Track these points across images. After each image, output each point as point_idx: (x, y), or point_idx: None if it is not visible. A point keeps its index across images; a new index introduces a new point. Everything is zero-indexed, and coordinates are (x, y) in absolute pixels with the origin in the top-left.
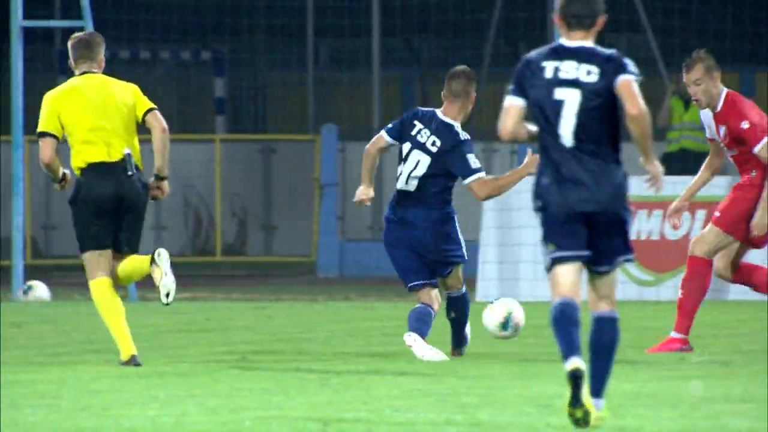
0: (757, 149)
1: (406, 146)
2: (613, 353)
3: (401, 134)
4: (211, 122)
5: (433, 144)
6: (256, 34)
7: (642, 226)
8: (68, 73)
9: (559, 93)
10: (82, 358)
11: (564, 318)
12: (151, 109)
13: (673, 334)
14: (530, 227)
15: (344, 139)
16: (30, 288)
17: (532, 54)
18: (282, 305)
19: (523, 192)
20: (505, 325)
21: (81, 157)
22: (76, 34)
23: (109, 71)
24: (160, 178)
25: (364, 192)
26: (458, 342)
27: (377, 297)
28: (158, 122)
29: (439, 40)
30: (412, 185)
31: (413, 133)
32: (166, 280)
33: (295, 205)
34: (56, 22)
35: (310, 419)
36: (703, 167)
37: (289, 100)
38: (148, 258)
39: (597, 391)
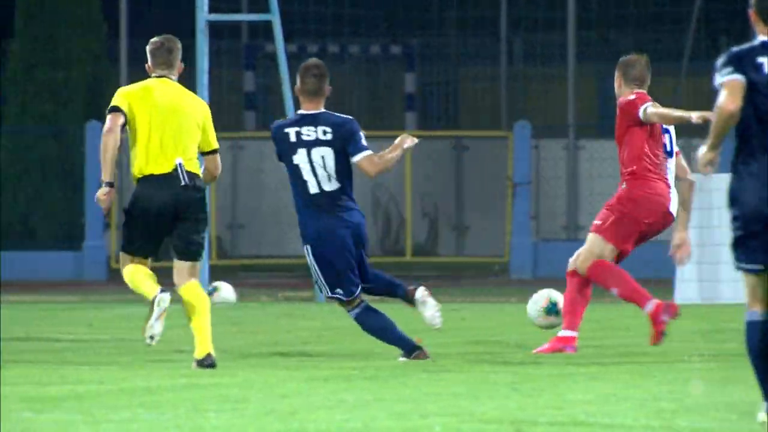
0: (640, 113)
1: (300, 154)
2: None
3: (283, 150)
4: (400, 118)
5: (324, 133)
6: (447, 27)
7: None
8: (254, 69)
9: None
10: (269, 361)
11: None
12: (215, 151)
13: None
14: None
15: (538, 136)
16: (215, 289)
17: (738, 49)
18: (474, 307)
19: (724, 191)
20: (549, 309)
21: (141, 165)
22: (156, 39)
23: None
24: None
25: None
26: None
27: None
28: (216, 167)
29: (636, 33)
30: (334, 184)
31: (293, 139)
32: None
33: (488, 205)
34: (243, 16)
35: (502, 424)
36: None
37: (481, 95)
38: (203, 301)
39: None
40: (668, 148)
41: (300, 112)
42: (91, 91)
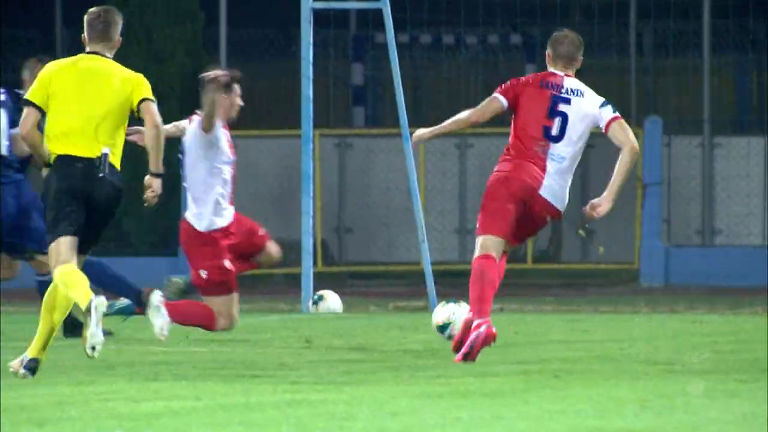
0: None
1: None
2: None
3: None
4: None
5: None
6: (571, 16)
7: None
8: (363, 60)
9: None
10: (378, 376)
11: None
12: (145, 99)
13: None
14: None
15: (670, 133)
16: (320, 298)
17: None
18: (600, 318)
19: None
20: (443, 328)
21: (56, 145)
22: (94, 9)
23: (408, 57)
24: (154, 174)
25: None
26: None
27: (707, 309)
28: (151, 116)
29: None
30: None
31: None
32: (96, 335)
33: (616, 207)
34: (351, 4)
35: None
36: None
37: (608, 88)
38: (85, 296)
39: None
40: (552, 132)
41: None
42: (188, 85)
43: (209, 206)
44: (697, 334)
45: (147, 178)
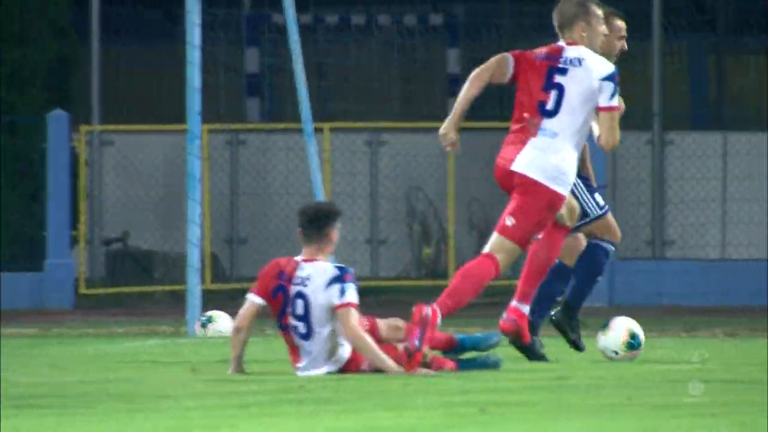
0: None
1: None
2: None
3: None
4: (442, 105)
5: None
6: None
7: None
8: (259, 45)
9: None
10: (277, 410)
11: None
12: None
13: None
14: None
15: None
16: (210, 320)
17: None
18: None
19: None
20: (632, 344)
21: None
22: None
23: (311, 41)
24: None
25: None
26: None
27: (659, 332)
28: None
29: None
30: None
31: None
32: None
33: None
34: None
35: None
36: None
37: None
38: None
39: None
40: (547, 107)
41: None
42: (55, 73)
43: None
44: (648, 361)
45: None
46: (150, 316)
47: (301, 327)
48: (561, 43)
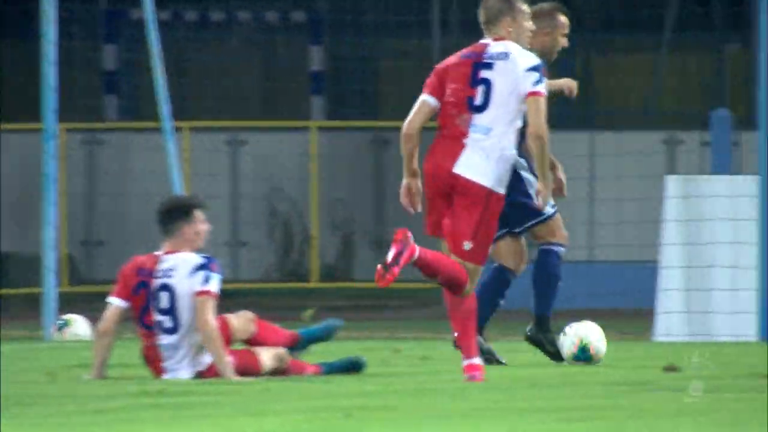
0: None
1: None
2: None
3: None
4: (305, 104)
5: None
6: None
7: None
8: (116, 41)
9: None
10: (135, 415)
11: None
12: None
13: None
14: (725, 243)
15: None
16: (66, 323)
17: None
18: (401, 345)
19: (717, 197)
20: (577, 357)
21: None
22: None
23: (171, 37)
24: None
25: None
26: None
27: None
28: None
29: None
30: None
31: None
32: None
33: (417, 215)
34: None
35: None
36: None
37: (407, 76)
38: None
39: None
40: (475, 102)
41: None
42: None
43: None
44: (515, 365)
45: None
46: (4, 320)
47: (167, 321)
48: (486, 40)
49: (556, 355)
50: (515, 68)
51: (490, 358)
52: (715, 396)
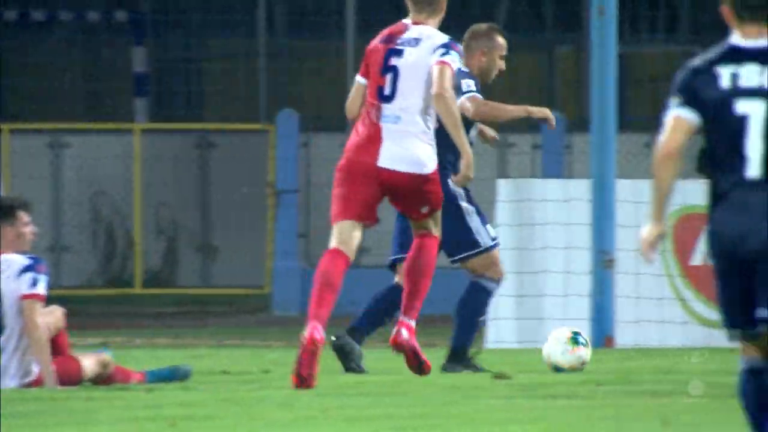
0: None
1: None
2: None
3: None
4: (128, 106)
5: None
6: None
7: None
8: None
9: (742, 106)
10: None
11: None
12: None
13: None
14: (558, 248)
15: (308, 130)
16: None
17: (698, 61)
18: (225, 352)
19: (549, 201)
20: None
21: None
22: None
23: None
24: None
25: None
26: None
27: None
28: None
29: None
30: None
31: None
32: None
33: (242, 220)
34: None
35: None
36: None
37: (233, 77)
38: None
39: None
40: (385, 91)
41: None
42: None
43: None
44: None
45: None
46: None
47: None
48: (407, 20)
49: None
50: (424, 53)
51: (355, 366)
52: (547, 403)
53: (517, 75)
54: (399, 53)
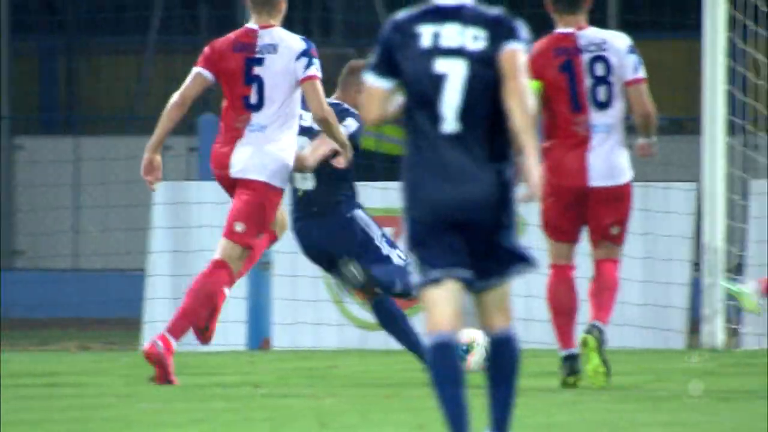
0: None
1: None
2: (515, 378)
3: None
4: None
5: None
6: None
7: None
8: None
9: (440, 65)
10: None
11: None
12: None
13: None
14: (214, 251)
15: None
16: None
17: (401, 16)
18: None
19: (208, 204)
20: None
21: None
22: None
23: None
24: None
25: None
26: None
27: (8, 346)
28: None
29: None
30: None
31: None
32: None
33: None
34: None
35: None
36: None
37: None
38: None
39: (499, 425)
40: (252, 101)
41: None
42: None
43: None
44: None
45: None
46: None
47: None
48: (253, 25)
49: None
50: (285, 59)
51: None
52: (206, 405)
53: (169, 77)
54: (260, 62)
